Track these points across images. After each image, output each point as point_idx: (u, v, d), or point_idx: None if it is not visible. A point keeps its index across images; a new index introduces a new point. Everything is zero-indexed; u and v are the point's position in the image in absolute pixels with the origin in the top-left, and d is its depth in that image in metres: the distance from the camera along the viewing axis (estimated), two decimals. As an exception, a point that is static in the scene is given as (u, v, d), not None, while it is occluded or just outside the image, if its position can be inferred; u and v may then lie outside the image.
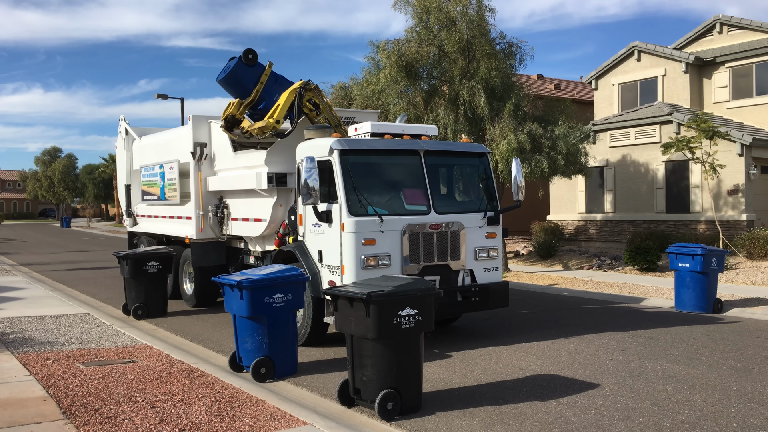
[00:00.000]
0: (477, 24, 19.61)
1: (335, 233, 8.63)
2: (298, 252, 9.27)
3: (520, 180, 9.70)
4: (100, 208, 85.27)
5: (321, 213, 8.72)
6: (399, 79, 19.44)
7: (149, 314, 11.87)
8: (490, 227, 9.56)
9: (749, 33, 22.23)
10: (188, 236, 12.60)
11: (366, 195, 8.69)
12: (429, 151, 9.32)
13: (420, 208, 9.03)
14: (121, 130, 16.07)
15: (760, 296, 12.93)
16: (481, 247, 9.45)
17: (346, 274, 8.46)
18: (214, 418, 6.17)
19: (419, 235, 8.85)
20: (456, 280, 9.23)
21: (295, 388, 7.36)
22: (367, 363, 6.28)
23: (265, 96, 11.00)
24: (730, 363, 8.08)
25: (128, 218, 16.04)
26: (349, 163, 8.71)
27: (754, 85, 21.72)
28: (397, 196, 9.18)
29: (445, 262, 9.09)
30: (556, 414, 6.31)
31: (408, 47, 19.58)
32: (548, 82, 35.53)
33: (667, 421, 6.04)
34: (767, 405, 6.44)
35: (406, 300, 6.20)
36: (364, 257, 8.45)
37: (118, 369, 8.02)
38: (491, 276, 9.54)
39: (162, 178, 13.64)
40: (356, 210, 8.52)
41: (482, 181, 9.91)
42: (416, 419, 6.19)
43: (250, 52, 10.86)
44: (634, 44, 24.08)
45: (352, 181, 8.63)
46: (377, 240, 8.54)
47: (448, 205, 9.48)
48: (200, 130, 12.39)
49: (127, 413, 6.32)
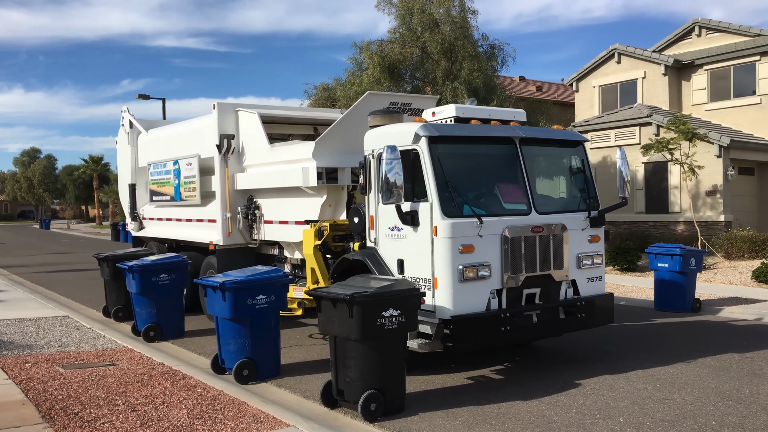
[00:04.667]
0: (460, 26, 19.71)
1: (423, 239, 7.19)
2: (370, 261, 7.75)
3: (626, 173, 8.41)
4: (80, 210, 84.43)
5: (405, 214, 7.29)
6: (382, 80, 19.47)
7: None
8: (593, 229, 8.20)
9: (727, 36, 22.55)
10: (213, 242, 11.16)
11: (460, 192, 7.28)
12: (525, 138, 7.89)
13: (519, 208, 7.63)
14: (125, 123, 14.50)
15: (738, 295, 13.11)
16: (585, 253, 8.06)
17: (440, 289, 6.99)
18: (195, 420, 6.13)
19: (520, 240, 7.40)
20: (558, 292, 7.84)
21: (278, 390, 7.34)
22: (351, 364, 6.28)
23: None
24: (709, 362, 8.19)
25: (133, 222, 14.44)
26: (439, 153, 7.25)
27: (731, 88, 22.04)
28: (493, 193, 7.78)
29: (548, 272, 7.65)
30: (538, 413, 6.36)
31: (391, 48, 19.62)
32: (530, 83, 35.75)
33: (647, 420, 6.11)
34: (745, 403, 6.54)
35: (389, 301, 6.21)
36: (462, 267, 6.99)
37: (98, 372, 7.94)
38: (595, 287, 8.17)
39: (177, 176, 12.25)
40: (451, 210, 7.07)
41: (581, 174, 8.50)
42: (399, 420, 6.20)
43: None
44: (615, 47, 24.32)
45: (444, 174, 7.18)
46: (475, 246, 7.10)
47: (549, 204, 8.07)
48: (227, 120, 10.93)
49: (107, 417, 6.26)
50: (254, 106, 11.23)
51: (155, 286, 10.08)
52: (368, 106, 8.96)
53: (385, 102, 9.31)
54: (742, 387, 7.08)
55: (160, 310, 10.15)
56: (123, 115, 14.56)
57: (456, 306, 6.95)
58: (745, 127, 21.47)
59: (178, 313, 10.42)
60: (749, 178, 21.25)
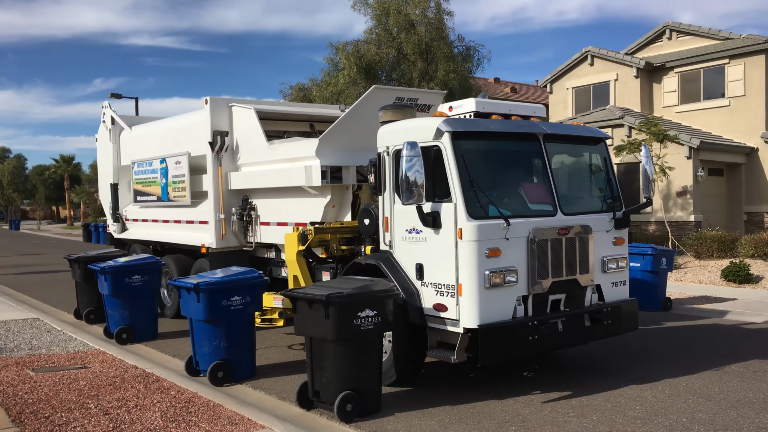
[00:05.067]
0: (436, 27, 19.79)
1: (446, 242, 6.69)
2: (385, 266, 7.26)
3: (651, 172, 7.99)
4: (50, 210, 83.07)
5: (427, 215, 6.82)
6: (358, 81, 19.47)
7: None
8: (617, 231, 7.76)
9: (697, 39, 22.96)
10: (205, 244, 10.63)
11: (485, 191, 6.79)
12: (549, 135, 7.44)
13: (544, 208, 7.19)
14: (106, 119, 13.77)
15: (708, 294, 13.35)
16: (610, 257, 7.62)
17: (465, 296, 6.51)
18: (169, 423, 6.07)
19: (547, 243, 6.97)
20: (583, 298, 7.41)
21: (254, 392, 7.30)
22: (327, 365, 6.27)
23: None
24: (680, 359, 8.32)
25: (115, 223, 13.80)
26: (462, 150, 6.78)
27: (701, 90, 22.45)
28: (517, 193, 7.36)
29: (573, 277, 7.23)
30: (513, 412, 6.41)
31: (367, 49, 19.64)
32: (505, 85, 36.01)
33: (620, 417, 6.19)
34: (715, 400, 6.66)
35: (365, 302, 6.21)
36: (489, 273, 6.52)
37: (69, 375, 7.82)
38: (619, 292, 7.75)
39: (164, 175, 11.72)
40: (476, 211, 6.59)
41: (603, 173, 8.10)
42: (376, 420, 6.21)
43: None
44: (588, 49, 24.63)
45: (468, 173, 6.71)
46: (502, 250, 6.64)
47: (574, 204, 7.59)
48: (220, 116, 10.41)
49: (79, 420, 6.17)
50: (246, 101, 10.81)
51: (128, 288, 9.93)
52: (374, 101, 8.54)
53: (390, 97, 8.81)
54: (713, 384, 7.21)
55: (132, 312, 10.00)
56: (104, 111, 13.91)
57: (482, 314, 6.48)
58: (714, 129, 21.88)
59: (151, 315, 10.28)
60: (718, 179, 21.66)
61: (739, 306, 11.94)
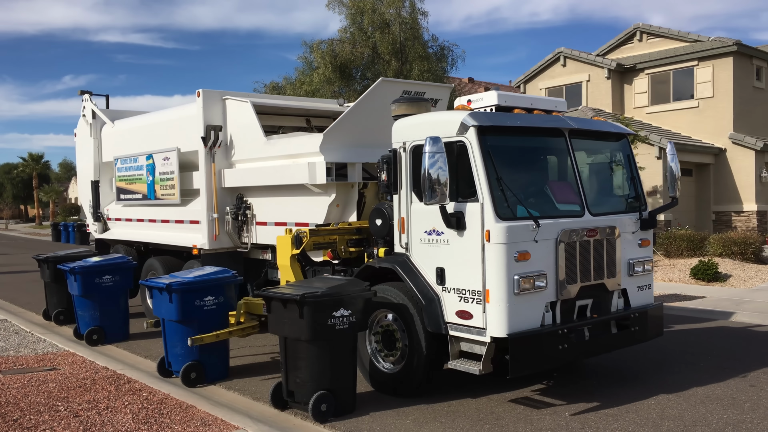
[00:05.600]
0: (410, 26, 19.84)
1: (471, 244, 6.23)
2: (402, 269, 6.77)
3: (677, 170, 7.59)
4: (18, 210, 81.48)
5: (450, 216, 6.36)
6: (333, 80, 19.44)
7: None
8: (642, 232, 7.39)
9: (667, 41, 23.34)
10: (197, 245, 10.09)
11: (513, 190, 6.33)
12: (574, 131, 7.02)
13: (572, 209, 6.76)
14: (86, 113, 13.08)
15: (677, 292, 13.58)
16: (636, 259, 7.25)
17: (493, 303, 6.06)
18: (141, 425, 6.00)
19: (575, 245, 6.54)
20: (610, 303, 7.00)
21: (227, 393, 7.24)
22: (301, 365, 6.24)
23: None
24: (651, 356, 8.45)
25: (96, 222, 13.16)
26: (489, 146, 6.31)
27: (671, 91, 22.85)
28: (544, 192, 6.93)
29: (601, 281, 6.82)
30: (487, 410, 6.45)
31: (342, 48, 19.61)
32: (479, 85, 36.25)
33: (592, 414, 6.27)
34: (684, 396, 6.78)
35: (340, 301, 6.19)
36: (518, 278, 6.07)
37: (38, 377, 7.68)
38: (644, 297, 7.39)
39: (151, 172, 11.16)
40: (504, 212, 6.14)
41: (628, 171, 7.69)
42: (350, 420, 6.20)
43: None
44: (560, 50, 24.89)
45: (496, 170, 6.26)
46: (531, 253, 6.20)
47: (601, 204, 7.16)
48: (213, 110, 9.88)
49: (48, 423, 6.07)
50: (241, 95, 10.30)
51: (98, 288, 9.78)
52: (381, 95, 8.17)
53: (398, 90, 8.37)
54: (683, 380, 7.33)
55: (103, 312, 9.84)
56: (84, 105, 13.23)
57: (511, 323, 6.04)
58: (683, 130, 22.28)
59: (122, 315, 10.13)
60: (687, 179, 22.05)
61: (707, 304, 12.17)
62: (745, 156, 21.50)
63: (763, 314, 10.98)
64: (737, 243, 16.78)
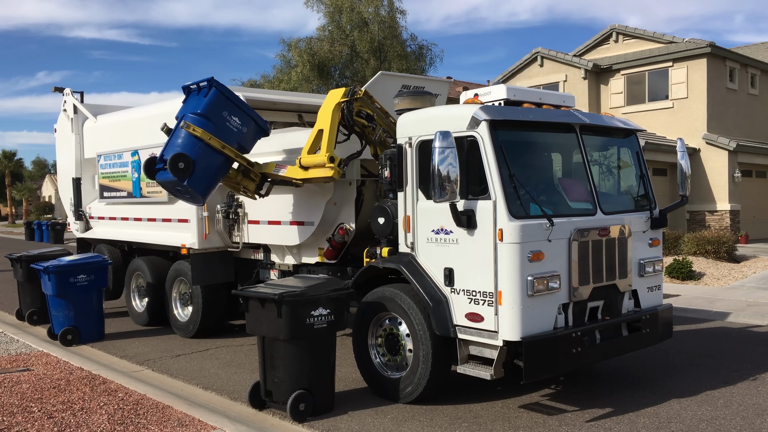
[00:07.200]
0: (389, 25, 19.86)
1: (482, 243, 5.99)
2: (407, 270, 6.48)
3: (687, 168, 7.44)
4: (-10, 208, 79.98)
5: (461, 214, 6.09)
6: (311, 78, 19.39)
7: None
8: (653, 232, 7.22)
9: (643, 42, 23.64)
10: (186, 245, 9.74)
11: (525, 187, 6.11)
12: (585, 126, 6.82)
13: (584, 207, 6.58)
14: (67, 108, 12.54)
15: (653, 290, 13.77)
16: (646, 259, 7.08)
17: (506, 305, 5.82)
18: (117, 426, 5.93)
19: (588, 245, 6.34)
20: (621, 305, 6.82)
21: (204, 393, 7.18)
22: (279, 364, 6.21)
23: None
24: (627, 353, 8.55)
25: (77, 221, 12.63)
26: (501, 141, 6.06)
27: (646, 92, 23.15)
28: (556, 190, 6.73)
29: (613, 282, 6.64)
30: (465, 409, 6.48)
31: (320, 46, 19.57)
32: (457, 84, 36.35)
33: (569, 414, 6.33)
34: (660, 393, 6.87)
35: (318, 300, 6.17)
36: (532, 279, 5.84)
37: (11, 378, 7.55)
38: (654, 298, 7.23)
39: (136, 169, 10.69)
40: (517, 210, 5.92)
41: (637, 168, 7.52)
42: (329, 419, 6.19)
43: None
44: (538, 50, 25.09)
45: (508, 167, 6.01)
46: (545, 253, 5.99)
47: (612, 203, 7.01)
48: None
49: (22, 425, 5.97)
50: (233, 88, 9.43)
51: (73, 288, 9.65)
52: (380, 89, 7.90)
53: (397, 84, 8.13)
54: (658, 378, 7.44)
55: (78, 312, 9.71)
56: (65, 99, 12.66)
57: (525, 325, 5.82)
58: (659, 130, 22.58)
59: (97, 315, 10.00)
60: (662, 179, 22.35)
61: (682, 302, 12.34)
62: (719, 156, 21.85)
63: (736, 312, 11.18)
64: (711, 242, 17.05)
